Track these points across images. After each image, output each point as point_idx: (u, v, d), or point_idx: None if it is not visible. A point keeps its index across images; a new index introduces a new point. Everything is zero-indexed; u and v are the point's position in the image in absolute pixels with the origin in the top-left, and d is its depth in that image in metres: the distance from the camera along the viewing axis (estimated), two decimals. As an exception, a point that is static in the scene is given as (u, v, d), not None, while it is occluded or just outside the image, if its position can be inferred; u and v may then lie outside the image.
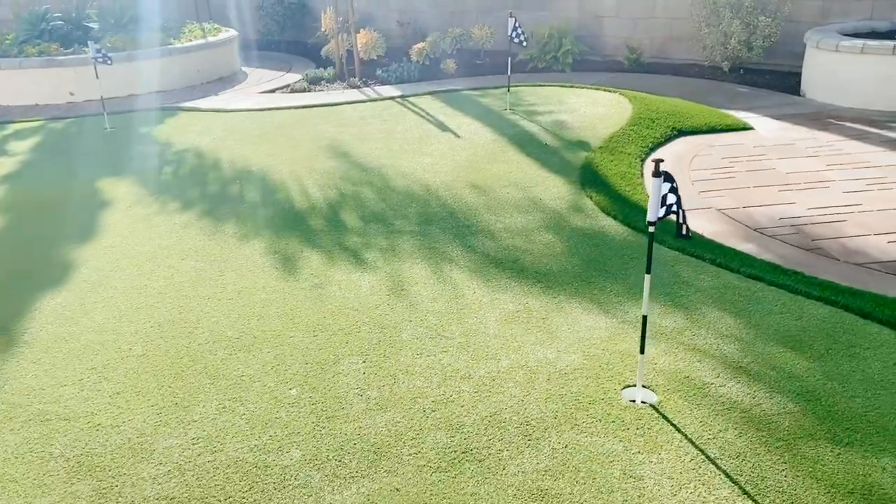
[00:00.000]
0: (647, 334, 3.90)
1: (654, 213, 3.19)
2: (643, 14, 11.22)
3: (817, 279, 4.64)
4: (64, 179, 7.02)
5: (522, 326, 4.16)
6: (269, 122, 8.79)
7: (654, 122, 7.88)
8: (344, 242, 5.33)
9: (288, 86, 11.22)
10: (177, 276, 4.90)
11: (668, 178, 3.17)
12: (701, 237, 5.26)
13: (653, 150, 7.36)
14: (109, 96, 10.70)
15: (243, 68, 12.89)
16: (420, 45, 11.54)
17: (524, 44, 8.32)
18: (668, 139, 7.63)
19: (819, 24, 9.72)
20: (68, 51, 11.02)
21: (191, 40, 11.88)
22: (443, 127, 8.12)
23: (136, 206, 6.21)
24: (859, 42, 8.35)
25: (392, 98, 9.74)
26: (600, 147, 7.20)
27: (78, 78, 10.71)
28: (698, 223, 5.56)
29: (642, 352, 3.48)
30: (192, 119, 9.19)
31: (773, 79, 9.93)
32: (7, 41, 11.36)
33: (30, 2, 14.14)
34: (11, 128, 9.14)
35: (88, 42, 8.69)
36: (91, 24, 11.87)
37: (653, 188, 3.15)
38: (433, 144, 7.50)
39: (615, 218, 5.63)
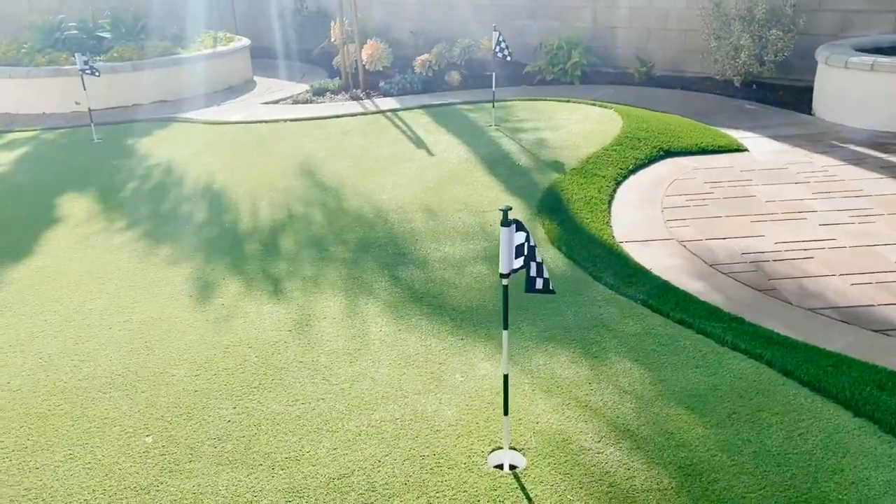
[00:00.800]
0: (543, 386, 3.59)
1: (506, 264, 2.88)
2: (657, 25, 10.76)
3: (756, 327, 4.23)
4: (27, 193, 7.01)
5: (415, 371, 3.88)
6: (252, 136, 8.69)
7: (641, 141, 7.48)
8: (270, 269, 5.14)
9: (292, 97, 11.12)
10: (89, 302, 4.78)
11: (520, 227, 2.86)
12: (647, 273, 4.88)
13: (633, 172, 6.97)
14: (114, 106, 10.82)
15: (255, 77, 12.87)
16: (423, 56, 11.31)
17: (508, 58, 8.02)
18: (652, 160, 7.22)
19: (838, 38, 9.12)
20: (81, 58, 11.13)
21: (199, 50, 11.91)
22: (420, 144, 7.87)
23: (84, 224, 6.14)
24: (869, 59, 7.77)
25: (384, 112, 9.53)
26: (574, 169, 6.84)
27: (80, 89, 10.79)
28: (653, 256, 5.18)
29: (506, 413, 3.17)
30: (180, 131, 9.15)
31: (787, 95, 9.36)
32: (24, 49, 11.56)
33: (60, 8, 14.46)
34: (7, 137, 9.26)
35: (75, 54, 8.72)
36: (104, 34, 12.01)
37: (503, 238, 2.84)
38: (404, 163, 7.26)
39: (560, 249, 5.29)
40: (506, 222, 2.80)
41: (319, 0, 14.69)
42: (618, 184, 6.70)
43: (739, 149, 7.52)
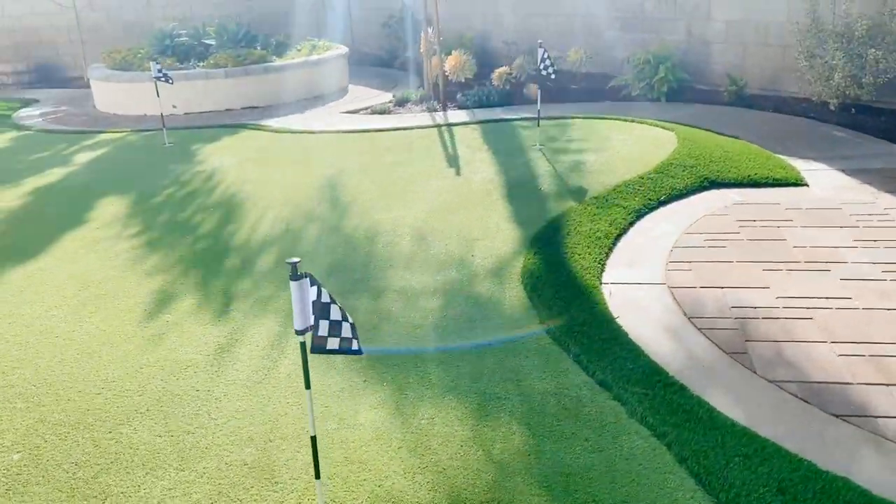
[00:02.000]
0: (411, 444, 3.33)
1: (300, 320, 2.66)
2: (754, 40, 9.88)
3: (690, 399, 3.71)
4: (77, 192, 7.46)
5: (296, 412, 3.72)
6: (303, 146, 8.82)
7: (686, 169, 6.87)
8: (232, 288, 5.15)
9: (372, 107, 11.21)
10: (56, 308, 4.99)
11: (314, 281, 2.63)
12: (606, 321, 4.44)
13: (663, 203, 6.41)
14: (208, 110, 11.38)
15: (351, 86, 13.11)
16: (502, 68, 11.03)
17: (552, 76, 7.63)
18: (691, 191, 6.61)
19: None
20: (182, 66, 11.82)
21: (293, 58, 12.28)
22: (453, 162, 7.66)
23: (103, 227, 6.45)
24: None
25: (442, 125, 9.39)
26: (596, 197, 6.38)
27: (181, 92, 11.45)
28: (630, 301, 4.73)
29: (317, 476, 2.95)
30: (245, 138, 9.46)
31: (891, 121, 8.28)
32: (139, 55, 12.43)
33: (190, 15, 15.47)
34: (98, 137, 9.96)
35: (150, 62, 9.23)
36: (209, 41, 12.68)
37: (293, 292, 2.63)
38: (427, 182, 7.08)
39: (525, 287, 4.93)
40: (294, 276, 2.59)
41: (428, 11, 14.73)
42: (639, 216, 6.18)
43: (798, 182, 6.72)
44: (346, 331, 2.67)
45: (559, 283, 4.97)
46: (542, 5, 12.46)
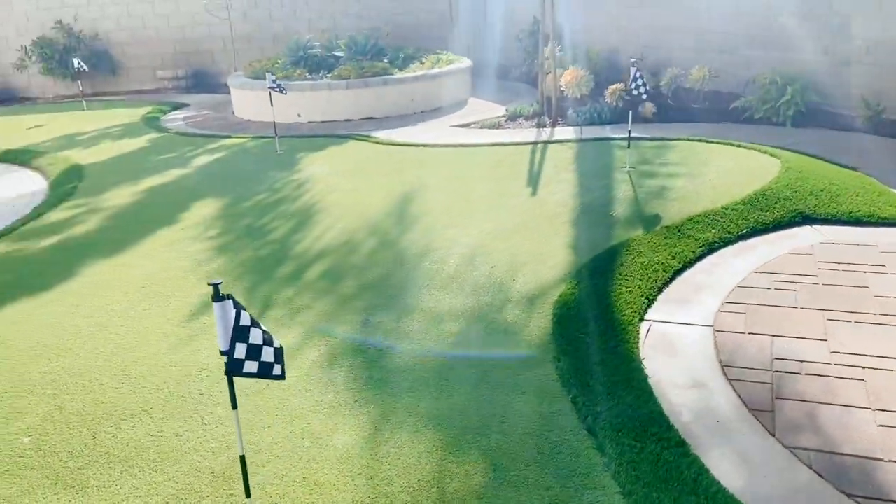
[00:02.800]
0: (364, 473, 3.30)
1: (224, 341, 2.70)
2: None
3: (683, 458, 3.40)
4: (181, 194, 7.98)
5: (280, 429, 3.77)
6: (401, 158, 8.95)
7: (780, 201, 6.34)
8: (276, 294, 5.30)
9: (484, 121, 11.20)
10: (117, 303, 5.36)
11: (237, 305, 2.65)
12: (626, 360, 4.16)
13: (742, 237, 5.94)
14: (329, 119, 11.85)
15: (472, 98, 13.18)
16: (615, 85, 10.65)
17: (644, 96, 7.29)
18: (779, 226, 6.09)
19: None
20: (311, 77, 12.38)
21: (414, 71, 12.53)
22: (535, 182, 7.49)
23: (188, 229, 6.86)
24: None
25: (541, 142, 9.22)
26: (668, 226, 6.02)
27: (305, 101, 12.01)
28: (663, 341, 4.43)
29: (248, 495, 2.96)
30: (350, 148, 9.74)
31: None
32: (277, 65, 13.15)
33: (333, 27, 16.20)
34: (221, 142, 10.63)
35: (266, 74, 9.72)
36: (339, 53, 13.19)
37: (216, 314, 2.67)
38: (500, 201, 6.98)
39: (553, 317, 4.71)
40: (217, 297, 2.62)
41: (560, 23, 14.53)
42: (711, 250, 5.75)
43: (907, 223, 5.99)
44: (267, 355, 2.67)
45: (592, 316, 4.72)
46: (676, 21, 11.93)
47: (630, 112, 7.66)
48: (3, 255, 6.48)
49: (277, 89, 9.53)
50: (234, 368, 2.66)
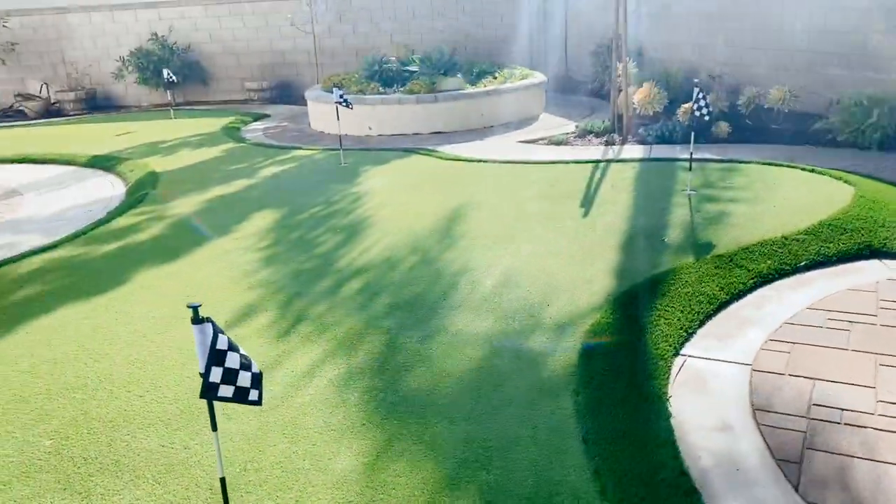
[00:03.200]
0: (357, 500, 3.26)
1: (201, 363, 2.71)
2: None
3: (689, 509, 3.20)
4: (242, 205, 8.16)
5: (284, 442, 3.77)
6: (460, 173, 8.91)
7: (847, 232, 5.97)
8: (309, 309, 5.33)
9: (551, 137, 11.05)
10: (158, 309, 5.51)
11: (216, 329, 2.66)
12: (653, 398, 3.97)
13: (799, 270, 5.62)
14: (398, 133, 11.95)
15: (544, 114, 13.03)
16: (688, 104, 10.27)
17: (706, 118, 7.01)
18: (844, 259, 5.73)
19: None
20: (384, 91, 12.52)
21: (485, 86, 12.49)
22: (589, 203, 7.30)
23: (241, 239, 7.01)
24: None
25: (602, 161, 9.00)
26: (720, 255, 5.75)
27: (377, 115, 12.15)
28: (695, 376, 4.22)
29: (226, 518, 2.95)
30: (410, 163, 9.77)
31: None
32: (353, 79, 13.38)
33: (420, 42, 16.37)
34: (292, 153, 10.87)
35: (333, 89, 9.88)
36: (412, 68, 13.29)
37: (196, 337, 2.68)
38: (547, 223, 6.83)
39: (582, 349, 4.55)
40: (196, 320, 2.63)
41: (638, 39, 14.23)
42: (763, 282, 5.46)
43: None
44: (243, 380, 2.65)
45: (623, 348, 4.53)
46: (760, 39, 11.45)
47: (692, 133, 7.38)
48: (66, 258, 6.78)
49: (344, 103, 9.66)
50: (208, 392, 2.66)
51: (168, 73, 14.78)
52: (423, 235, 6.71)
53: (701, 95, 6.94)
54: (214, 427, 2.84)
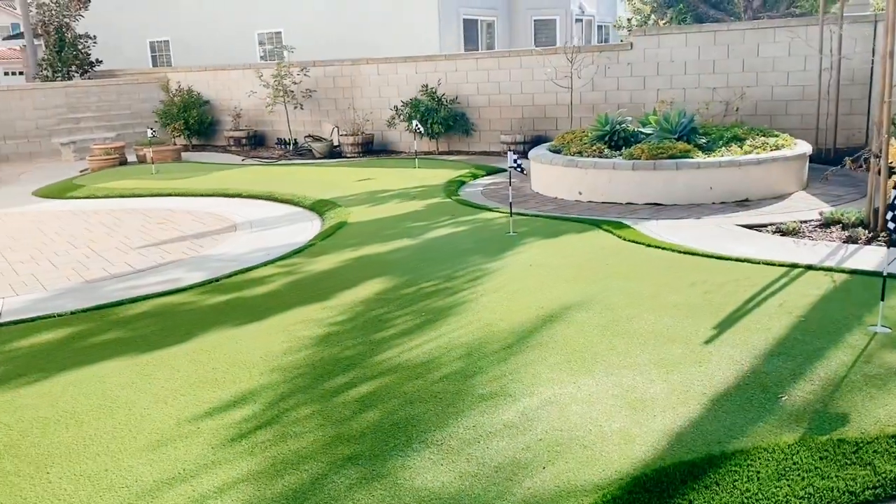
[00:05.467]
0: None
1: None
2: None
3: None
4: (375, 265, 7.73)
5: None
6: (624, 260, 7.54)
7: None
8: (285, 413, 4.69)
9: (785, 223, 9.02)
10: (180, 376, 5.28)
11: None
12: None
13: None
14: (609, 201, 10.79)
15: (799, 192, 10.82)
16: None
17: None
18: None
19: None
20: (604, 154, 11.42)
21: (717, 155, 10.73)
22: (726, 325, 5.61)
23: (332, 308, 6.52)
24: None
25: (800, 267, 6.99)
26: (846, 439, 3.94)
27: (589, 180, 11.09)
28: None
29: None
30: (584, 240, 8.59)
31: None
32: (584, 139, 12.47)
33: (683, 99, 14.91)
34: (478, 215, 10.28)
35: (507, 152, 9.09)
36: (647, 130, 11.94)
37: None
38: (646, 346, 5.33)
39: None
40: None
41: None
42: (891, 498, 3.56)
43: None
44: None
45: None
46: None
47: None
48: (177, 303, 6.91)
49: (517, 169, 8.86)
50: None
51: (416, 124, 15.16)
52: (494, 337, 5.66)
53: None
54: None
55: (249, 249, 9.35)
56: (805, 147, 11.19)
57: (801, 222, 8.97)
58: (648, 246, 8.05)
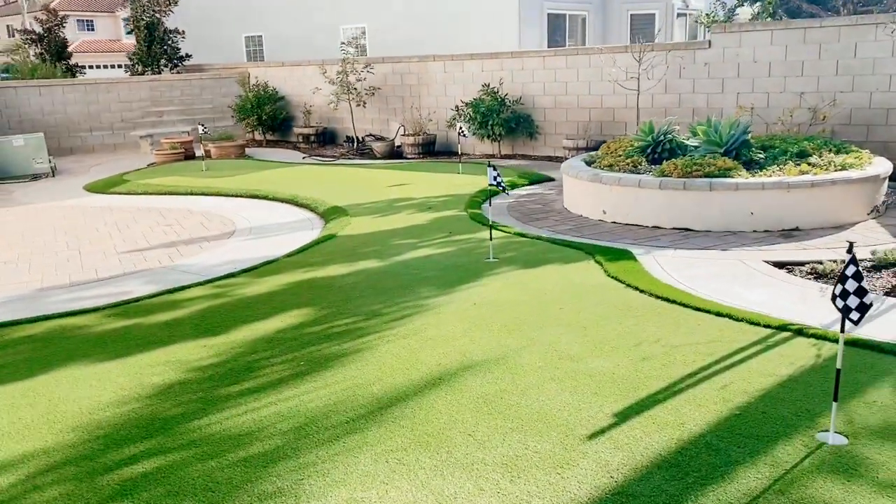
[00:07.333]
0: None
1: None
2: None
3: None
4: (314, 291, 6.90)
5: None
6: (595, 306, 6.31)
7: None
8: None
9: (823, 263, 7.48)
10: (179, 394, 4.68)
11: None
12: None
13: None
14: (631, 223, 9.52)
15: (865, 221, 9.04)
16: None
17: None
18: None
19: None
20: (640, 169, 10.06)
21: (767, 176, 9.10)
22: (631, 402, 4.35)
23: (222, 345, 5.83)
24: None
25: (803, 331, 5.51)
26: None
27: (613, 198, 9.78)
28: None
29: None
30: (575, 270, 7.32)
31: None
32: (620, 151, 11.11)
33: (759, 107, 13.16)
34: (474, 235, 9.20)
35: (488, 169, 7.98)
36: (693, 143, 10.40)
37: None
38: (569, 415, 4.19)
39: None
40: None
41: None
42: None
43: None
44: None
45: None
46: None
47: None
48: (75, 326, 6.37)
49: (500, 187, 7.77)
50: None
51: (461, 128, 14.18)
52: (349, 405, 4.66)
53: None
54: None
55: (222, 261, 8.76)
56: (882, 167, 9.33)
57: (843, 260, 7.29)
58: (628, 286, 6.73)
